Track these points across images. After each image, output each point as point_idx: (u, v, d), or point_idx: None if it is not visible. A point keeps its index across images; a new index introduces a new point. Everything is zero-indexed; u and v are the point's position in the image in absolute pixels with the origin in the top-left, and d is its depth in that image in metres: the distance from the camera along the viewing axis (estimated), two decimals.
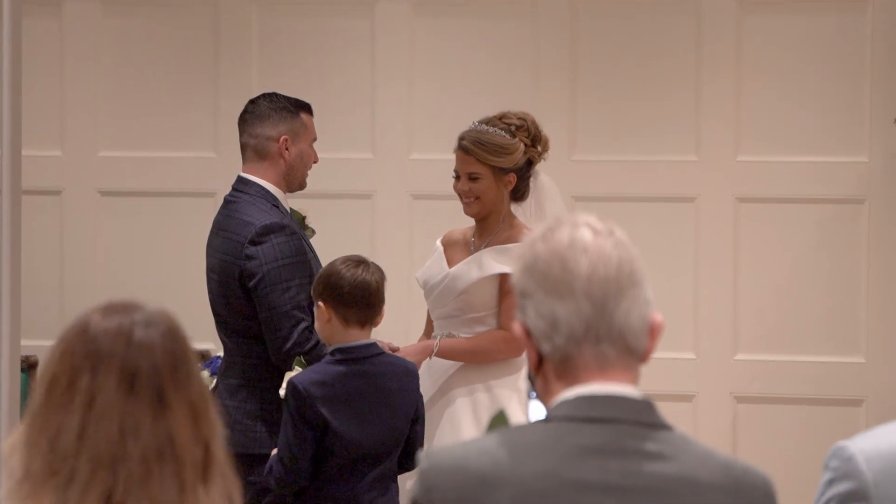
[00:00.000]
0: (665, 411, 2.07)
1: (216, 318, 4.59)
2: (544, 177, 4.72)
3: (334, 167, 6.09)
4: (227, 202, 4.61)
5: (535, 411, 4.74)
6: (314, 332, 4.38)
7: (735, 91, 6.13)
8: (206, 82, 6.41)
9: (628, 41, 6.19)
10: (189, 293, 5.80)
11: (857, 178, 6.06)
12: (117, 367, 1.99)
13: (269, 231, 4.44)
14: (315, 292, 4.10)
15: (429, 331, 4.81)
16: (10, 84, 3.94)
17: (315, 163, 4.68)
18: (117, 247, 6.46)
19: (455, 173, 4.65)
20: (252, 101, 4.67)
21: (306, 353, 4.36)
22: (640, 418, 2.01)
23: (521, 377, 4.64)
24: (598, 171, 6.19)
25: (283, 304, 4.38)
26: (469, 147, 4.60)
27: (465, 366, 4.62)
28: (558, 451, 1.97)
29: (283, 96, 4.66)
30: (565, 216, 2.10)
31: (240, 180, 4.61)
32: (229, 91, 6.33)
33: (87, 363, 2.00)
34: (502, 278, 4.54)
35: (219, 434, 2.04)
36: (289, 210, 4.63)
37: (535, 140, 4.65)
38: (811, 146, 6.09)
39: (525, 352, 2.07)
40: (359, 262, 4.08)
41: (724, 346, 6.15)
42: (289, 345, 4.37)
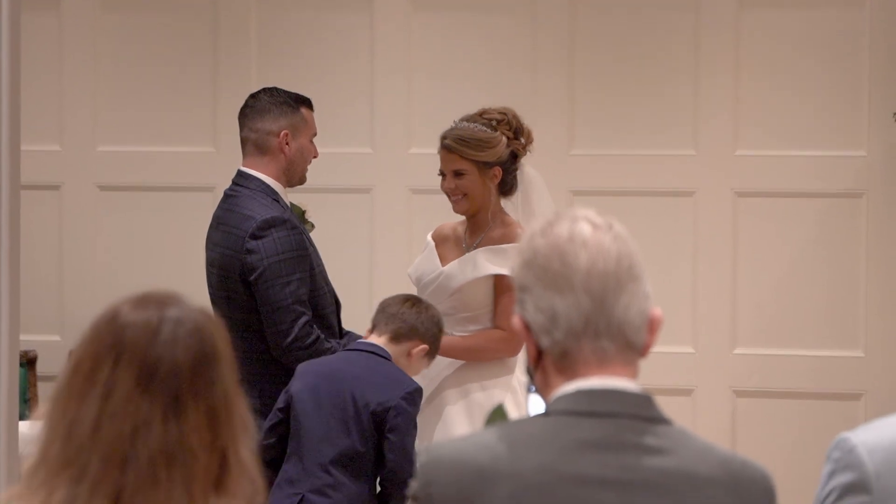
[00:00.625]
0: (664, 405, 2.07)
1: (216, 313, 4.58)
2: (530, 169, 4.72)
3: (333, 161, 6.08)
4: (227, 196, 4.60)
5: (535, 405, 4.73)
6: (315, 326, 4.38)
7: (734, 85, 6.13)
8: (204, 77, 6.40)
9: (627, 35, 6.18)
10: (188, 287, 5.73)
11: (856, 173, 6.06)
12: (138, 362, 1.94)
13: (269, 225, 4.43)
14: None
15: None
16: (9, 79, 3.93)
17: (315, 158, 4.68)
18: (116, 241, 6.46)
19: (441, 173, 4.67)
20: (252, 96, 4.67)
21: (307, 348, 4.36)
22: (640, 412, 2.01)
23: (514, 377, 4.64)
24: (597, 166, 6.19)
25: (284, 299, 4.38)
26: (451, 145, 4.61)
27: (460, 366, 4.62)
28: (557, 445, 1.97)
29: (284, 91, 4.66)
30: (564, 210, 2.10)
31: (240, 174, 4.60)
32: (228, 85, 6.32)
33: (111, 353, 1.95)
34: (497, 278, 4.55)
35: (244, 440, 1.97)
36: (289, 204, 4.62)
37: (517, 133, 4.65)
38: (810, 140, 6.09)
39: (520, 351, 2.07)
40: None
41: (722, 340, 6.15)
42: (289, 339, 4.36)
